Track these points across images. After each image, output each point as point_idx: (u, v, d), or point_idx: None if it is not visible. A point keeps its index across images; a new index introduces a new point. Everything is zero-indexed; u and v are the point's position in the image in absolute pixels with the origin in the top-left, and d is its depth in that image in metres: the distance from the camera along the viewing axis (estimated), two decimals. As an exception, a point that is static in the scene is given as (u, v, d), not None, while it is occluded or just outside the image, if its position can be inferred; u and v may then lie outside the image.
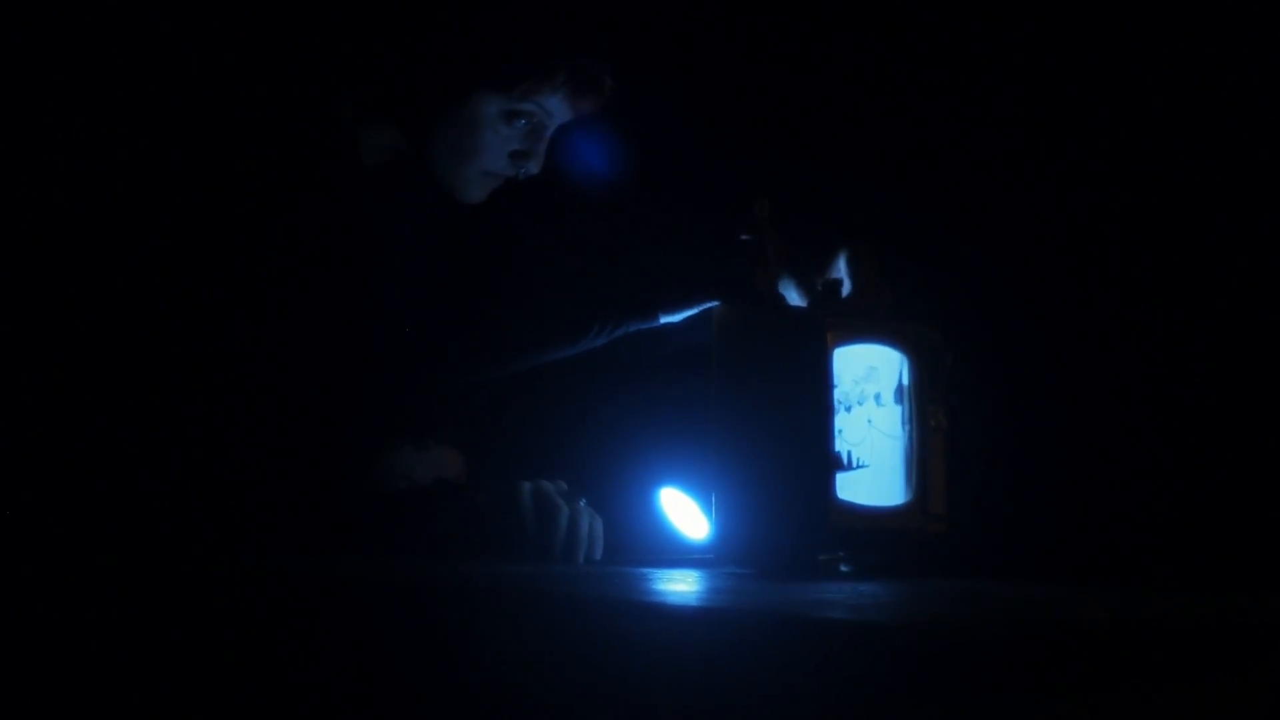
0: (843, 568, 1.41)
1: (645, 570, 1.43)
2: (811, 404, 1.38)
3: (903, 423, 1.44)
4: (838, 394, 1.41)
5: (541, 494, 1.57)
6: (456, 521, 1.59)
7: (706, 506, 1.52)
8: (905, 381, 1.44)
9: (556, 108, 1.76)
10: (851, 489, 1.40)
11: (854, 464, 1.40)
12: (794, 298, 1.60)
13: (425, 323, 1.76)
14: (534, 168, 1.79)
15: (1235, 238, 2.08)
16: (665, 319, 1.71)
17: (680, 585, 1.22)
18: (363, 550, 1.54)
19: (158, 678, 1.21)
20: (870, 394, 1.43)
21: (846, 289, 1.54)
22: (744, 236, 1.58)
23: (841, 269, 1.57)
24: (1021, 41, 2.17)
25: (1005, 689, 0.88)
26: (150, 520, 1.58)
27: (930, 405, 1.46)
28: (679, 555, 1.60)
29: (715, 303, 1.57)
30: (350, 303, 1.70)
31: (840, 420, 1.41)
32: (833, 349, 1.39)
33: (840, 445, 1.41)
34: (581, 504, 1.58)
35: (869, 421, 1.43)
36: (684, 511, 1.64)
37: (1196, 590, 1.22)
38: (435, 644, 1.08)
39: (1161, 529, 2.04)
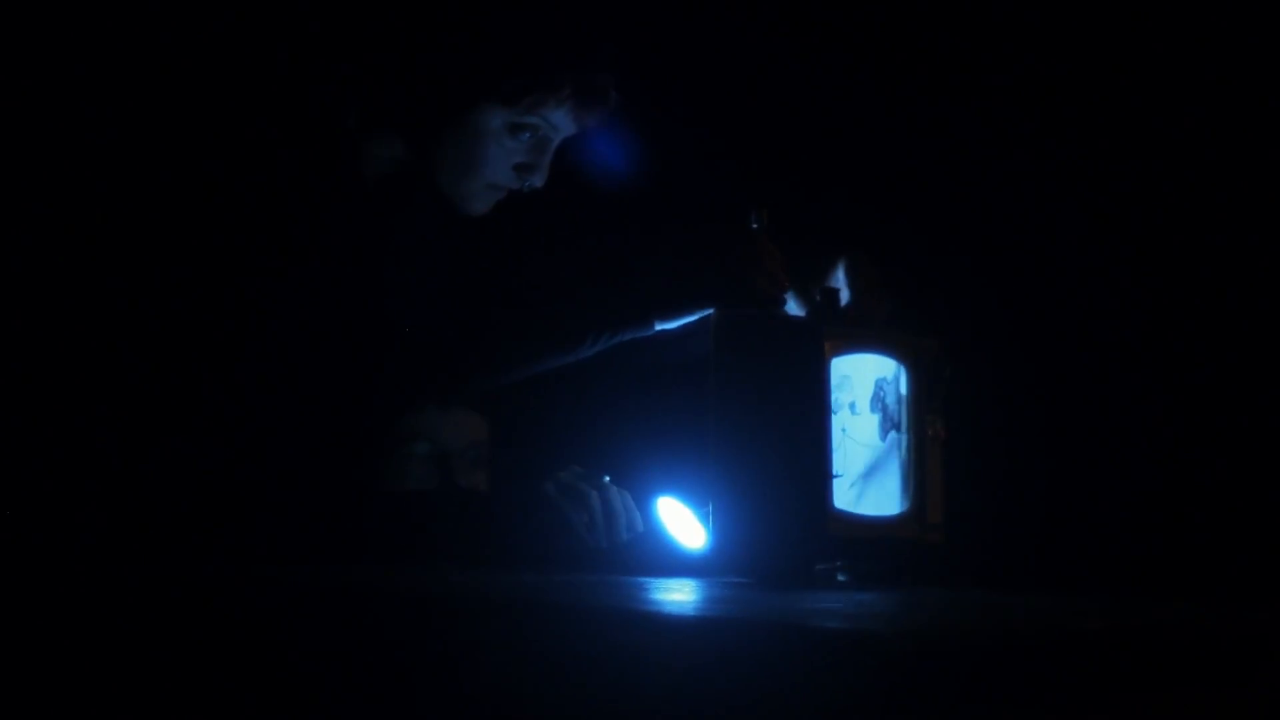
0: (840, 577, 1.41)
1: (642, 580, 1.43)
2: (809, 413, 1.38)
3: (880, 431, 1.43)
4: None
5: (566, 487, 1.58)
6: (482, 531, 1.59)
7: (704, 516, 1.52)
8: (883, 390, 1.44)
9: (561, 121, 1.76)
10: (848, 498, 1.41)
11: None
12: (792, 307, 1.60)
13: (422, 332, 1.76)
14: (538, 181, 1.78)
15: (1233, 249, 2.08)
16: (661, 326, 1.70)
17: (677, 595, 1.22)
18: (382, 558, 1.54)
19: (164, 686, 1.21)
20: (845, 402, 1.42)
21: (845, 299, 1.55)
22: (743, 244, 1.58)
23: (840, 279, 1.57)
24: (1019, 55, 2.17)
25: (1001, 699, 0.88)
26: (158, 524, 1.58)
27: (928, 415, 1.46)
28: (676, 565, 1.60)
29: (710, 310, 1.57)
30: (350, 312, 1.70)
31: None
32: (830, 359, 1.40)
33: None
34: (605, 481, 1.59)
35: (843, 430, 1.42)
36: (681, 521, 1.64)
37: (1192, 600, 1.22)
38: (432, 653, 1.08)
39: (1157, 539, 2.04)
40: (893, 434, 1.44)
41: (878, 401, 1.43)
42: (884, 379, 1.44)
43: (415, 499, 1.72)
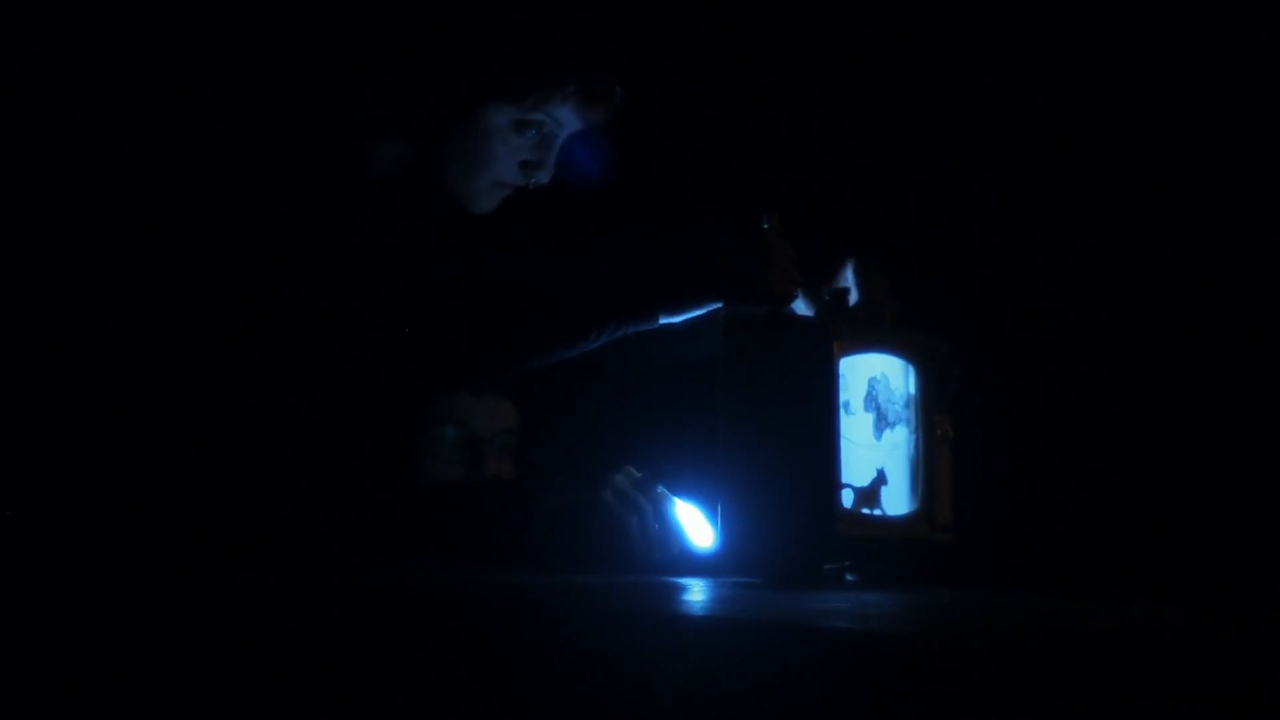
0: (849, 577, 1.41)
1: (650, 580, 1.43)
2: (818, 413, 1.38)
3: (874, 431, 1.43)
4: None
5: (622, 494, 1.58)
6: (535, 529, 1.59)
7: (712, 516, 1.52)
8: (876, 389, 1.43)
9: (566, 117, 1.76)
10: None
11: None
12: (801, 307, 1.59)
13: (423, 328, 1.75)
14: (544, 178, 1.78)
15: (1242, 250, 2.08)
16: (665, 320, 1.69)
17: (685, 595, 1.22)
18: (432, 555, 1.54)
19: (181, 690, 1.21)
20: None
21: (854, 299, 1.54)
22: (752, 242, 1.58)
23: (849, 279, 1.57)
24: (1027, 58, 2.17)
25: (1010, 699, 0.87)
26: (179, 523, 1.59)
27: (937, 415, 1.46)
28: (684, 565, 1.59)
29: (716, 304, 1.56)
30: (353, 310, 1.70)
31: None
32: (839, 358, 1.39)
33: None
34: (660, 490, 1.59)
35: None
36: (690, 521, 1.63)
37: (1202, 601, 1.22)
38: (441, 655, 1.08)
39: (1168, 540, 2.04)
40: (886, 432, 1.44)
41: (871, 401, 1.43)
42: (877, 378, 1.43)
43: (456, 494, 1.72)
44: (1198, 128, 2.09)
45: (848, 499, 1.39)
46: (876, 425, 1.43)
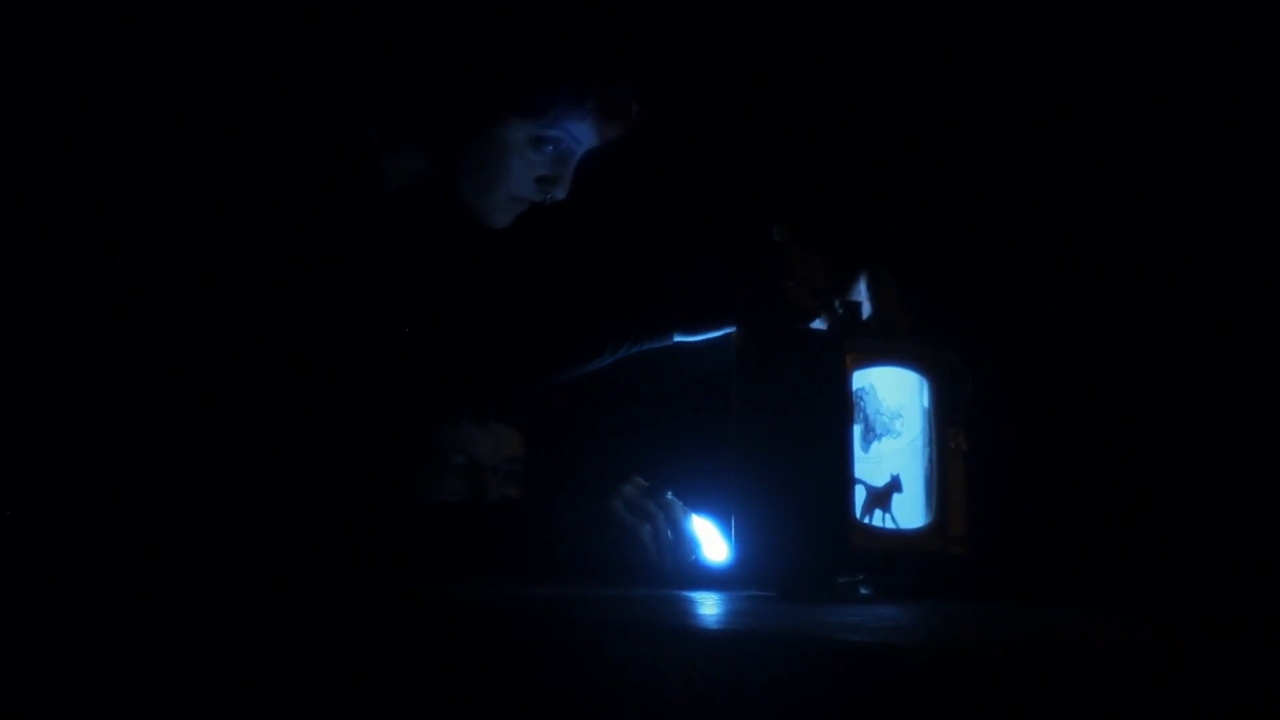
0: (863, 590, 1.41)
1: (664, 593, 1.43)
2: (831, 426, 1.38)
3: (862, 443, 1.43)
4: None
5: (633, 504, 1.58)
6: (548, 544, 1.59)
7: (726, 529, 1.52)
8: (863, 401, 1.43)
9: (584, 134, 1.76)
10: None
11: None
12: (816, 321, 1.60)
13: (436, 342, 1.76)
14: (560, 193, 1.79)
15: (1261, 265, 2.08)
16: (680, 338, 1.69)
17: (700, 608, 1.22)
18: (448, 570, 1.55)
19: (197, 701, 1.22)
20: None
21: (866, 311, 1.55)
22: (765, 257, 1.58)
23: (861, 291, 1.57)
24: (1043, 66, 2.17)
25: (1024, 712, 0.87)
26: (195, 537, 1.59)
27: (950, 428, 1.46)
28: (698, 578, 1.60)
29: (732, 328, 1.56)
30: (371, 324, 1.70)
31: None
32: (852, 371, 1.39)
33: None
34: (669, 497, 1.59)
35: None
36: (704, 534, 1.64)
37: (1218, 614, 1.22)
38: (457, 664, 1.08)
39: (1183, 552, 2.03)
40: (874, 444, 1.44)
41: (859, 412, 1.43)
42: (864, 389, 1.43)
43: (468, 511, 1.72)
44: (1215, 140, 2.09)
45: (860, 496, 1.39)
46: (864, 437, 1.43)
